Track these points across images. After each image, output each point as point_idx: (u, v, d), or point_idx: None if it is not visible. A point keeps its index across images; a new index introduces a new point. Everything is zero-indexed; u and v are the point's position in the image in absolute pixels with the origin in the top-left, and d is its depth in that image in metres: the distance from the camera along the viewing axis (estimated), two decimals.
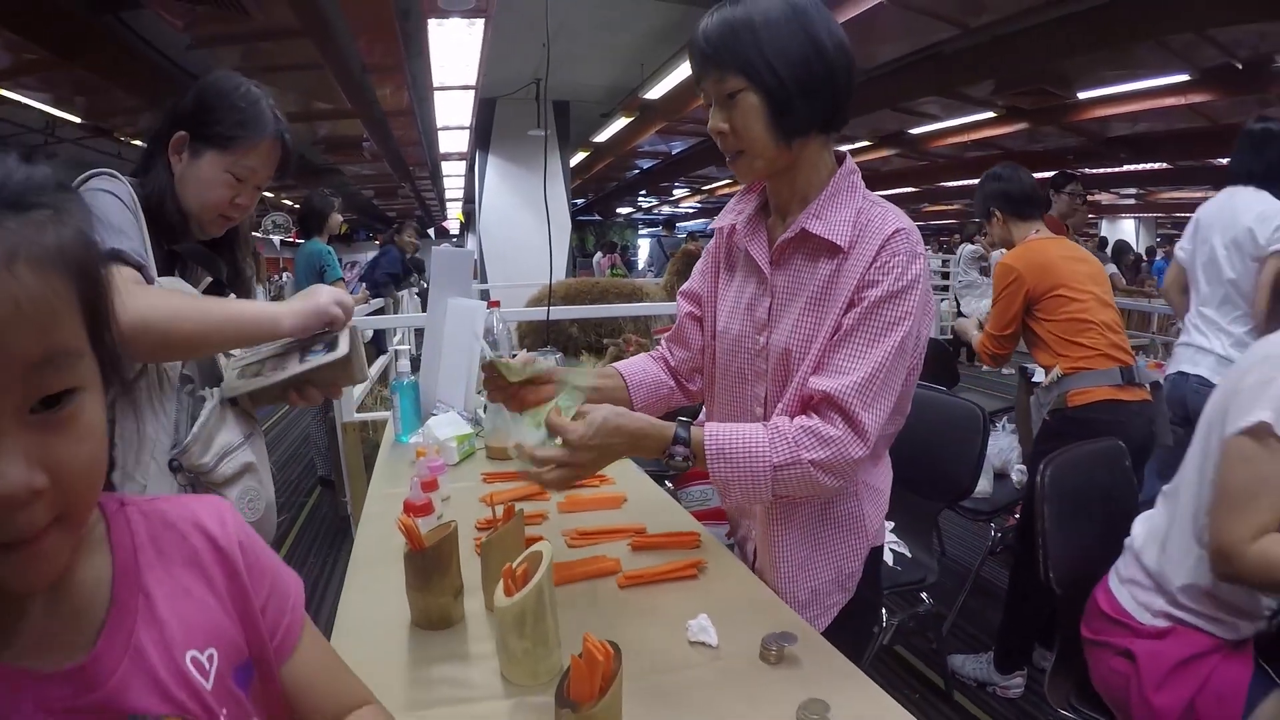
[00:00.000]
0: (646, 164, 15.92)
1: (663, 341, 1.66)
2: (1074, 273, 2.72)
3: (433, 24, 4.97)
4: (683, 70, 6.97)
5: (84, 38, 5.86)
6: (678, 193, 21.14)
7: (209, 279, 1.57)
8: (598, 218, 22.47)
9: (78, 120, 8.48)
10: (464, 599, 1.26)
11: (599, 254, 15.13)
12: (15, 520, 0.49)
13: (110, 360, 0.56)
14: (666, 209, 25.06)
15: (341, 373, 1.40)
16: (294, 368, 1.39)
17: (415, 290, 8.29)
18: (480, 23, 4.92)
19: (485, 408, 2.22)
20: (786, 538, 1.40)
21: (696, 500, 2.06)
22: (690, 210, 25.57)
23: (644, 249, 24.05)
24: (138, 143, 10.14)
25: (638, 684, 0.93)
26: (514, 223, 8.91)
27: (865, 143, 11.74)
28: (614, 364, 1.63)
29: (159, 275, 1.36)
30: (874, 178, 13.19)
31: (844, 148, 1.41)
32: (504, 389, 1.39)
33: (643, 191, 20.83)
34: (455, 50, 5.60)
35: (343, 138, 10.07)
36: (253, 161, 1.47)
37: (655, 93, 7.82)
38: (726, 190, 18.86)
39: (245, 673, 0.69)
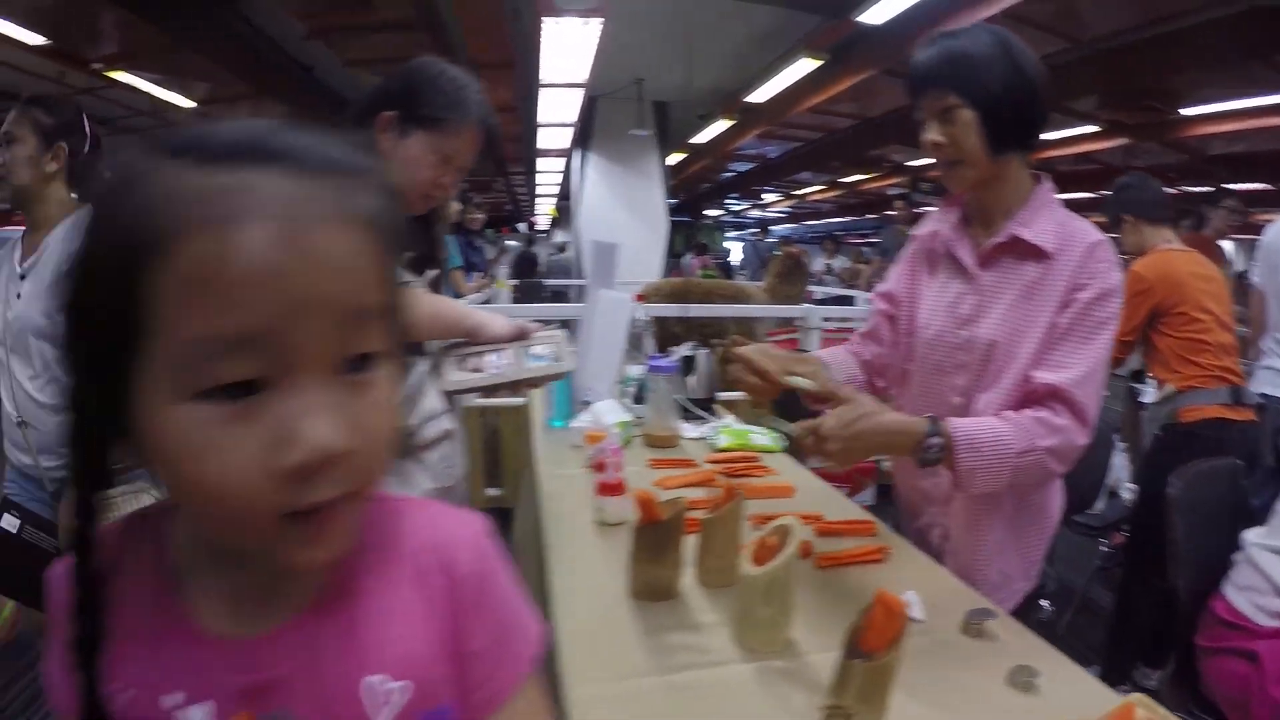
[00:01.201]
0: (741, 167, 15.90)
1: (855, 337, 1.76)
2: (1200, 292, 2.78)
3: (548, 22, 5.06)
4: (787, 75, 6.98)
5: (199, 24, 6.10)
6: (768, 197, 21.07)
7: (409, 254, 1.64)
8: (686, 218, 22.50)
9: (186, 104, 8.80)
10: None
11: (688, 255, 15.11)
12: (317, 483, 0.48)
13: (400, 332, 0.54)
14: (755, 212, 24.99)
15: (553, 379, 1.51)
16: (519, 372, 1.48)
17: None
18: (595, 21, 4.99)
19: (639, 396, 2.30)
20: (988, 523, 1.50)
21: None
22: (779, 215, 25.45)
23: (733, 251, 23.99)
24: None
25: None
26: (612, 221, 8.93)
27: None
28: (818, 352, 1.74)
29: None
30: None
31: None
32: (758, 386, 1.49)
33: (734, 194, 20.80)
34: (566, 48, 5.68)
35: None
36: (458, 143, 1.52)
37: (758, 96, 7.81)
38: (818, 196, 18.72)
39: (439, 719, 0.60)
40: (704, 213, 25.17)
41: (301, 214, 0.46)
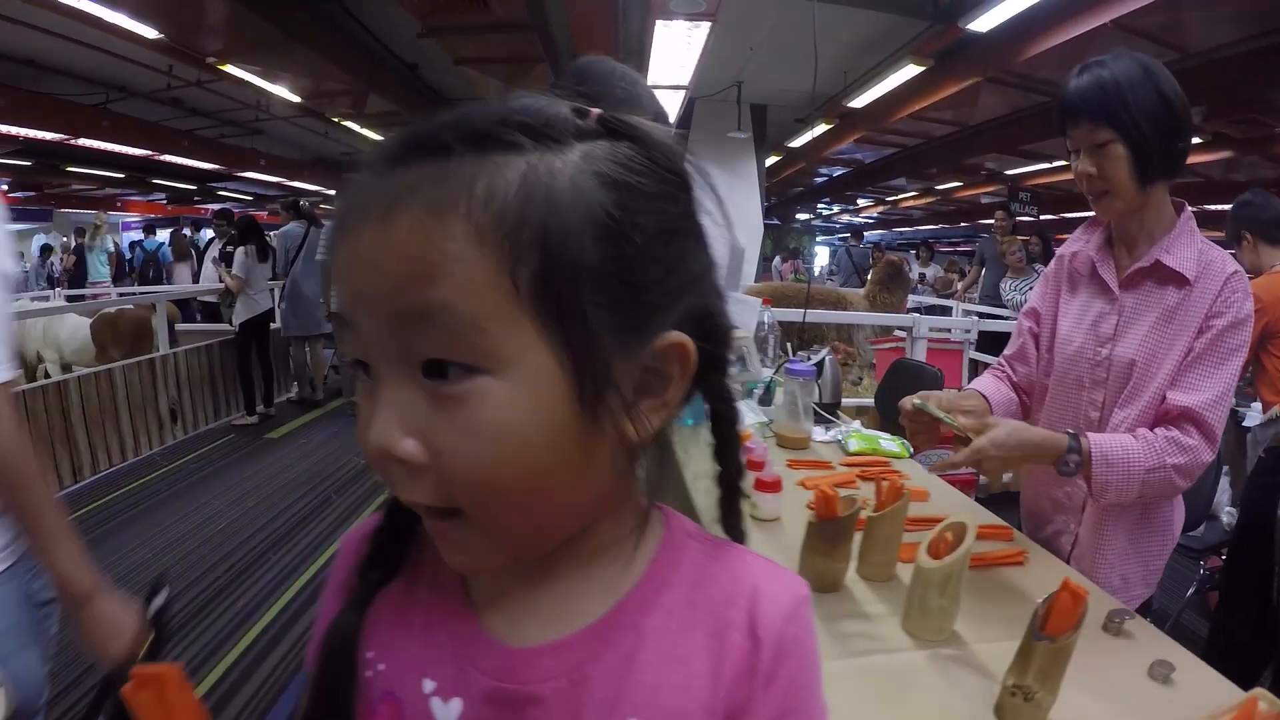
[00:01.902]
0: (836, 171, 15.81)
1: (1003, 360, 1.86)
2: None
3: (659, 25, 5.15)
4: (889, 81, 6.97)
5: (307, 18, 6.36)
6: (861, 202, 20.86)
7: None
8: (776, 221, 22.40)
9: (291, 98, 9.10)
10: None
11: (778, 259, 15.02)
12: (392, 478, 0.46)
13: (586, 358, 0.45)
14: (846, 217, 24.76)
15: None
16: None
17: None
18: (705, 25, 5.07)
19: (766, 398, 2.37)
20: (1113, 530, 1.61)
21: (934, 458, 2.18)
22: (869, 220, 25.17)
23: (820, 256, 23.76)
24: (349, 124, 10.87)
25: (1014, 645, 1.06)
26: (707, 223, 8.97)
27: (1062, 161, 11.32)
28: (972, 385, 1.84)
29: None
30: (1066, 199, 12.76)
31: (1039, 166, 1.59)
32: (932, 433, 1.58)
33: (826, 198, 20.66)
34: (673, 51, 5.76)
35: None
36: None
37: (859, 101, 7.81)
38: (912, 202, 18.47)
39: None
40: (795, 216, 25.05)
41: (371, 206, 0.44)
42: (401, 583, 0.58)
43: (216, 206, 19.61)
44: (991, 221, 7.99)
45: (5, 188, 17.58)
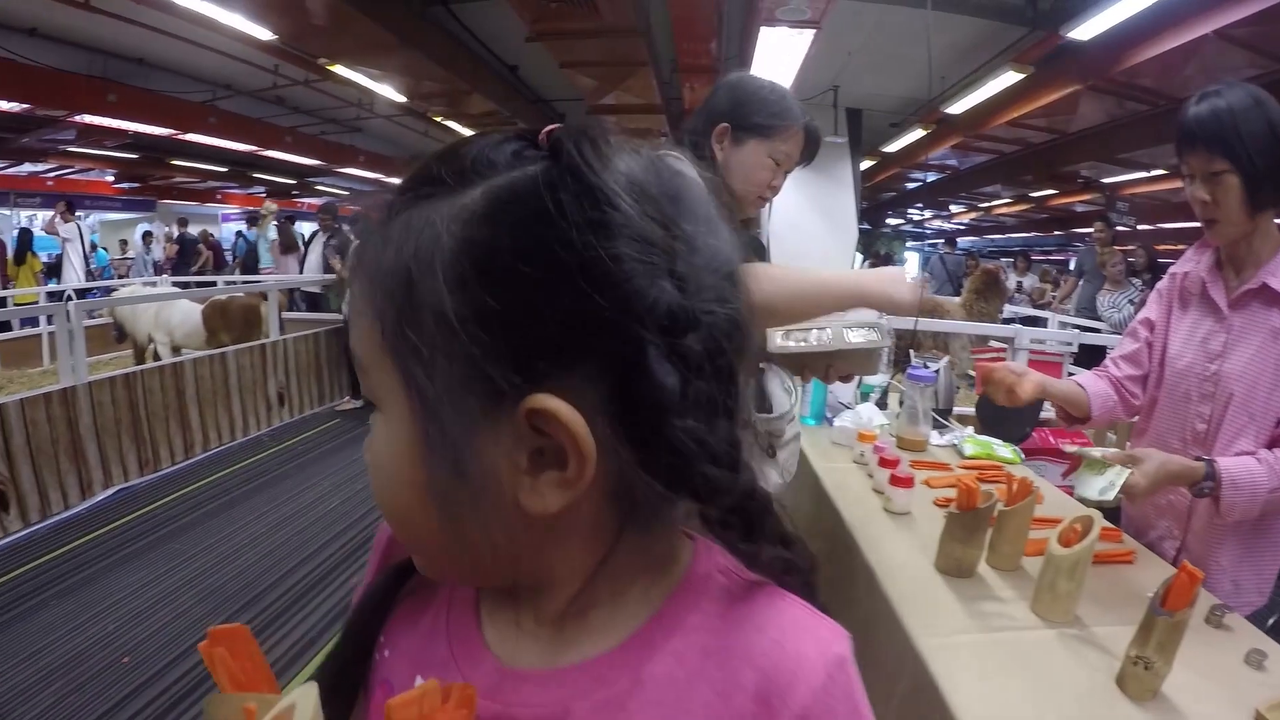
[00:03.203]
0: (929, 176, 15.60)
1: (1111, 359, 1.94)
2: None
3: (763, 31, 5.21)
4: (988, 87, 6.90)
5: (415, 22, 6.57)
6: (953, 208, 20.55)
7: None
8: (866, 226, 22.15)
9: (394, 98, 9.37)
10: None
11: (867, 264, 14.83)
12: None
13: (437, 415, 0.45)
14: (937, 223, 24.38)
15: (868, 361, 1.46)
16: (842, 342, 1.41)
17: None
18: (809, 33, 5.11)
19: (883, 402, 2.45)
20: (1222, 539, 1.67)
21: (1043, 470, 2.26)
22: (960, 226, 24.75)
23: (910, 262, 23.43)
24: (450, 123, 11.18)
25: (1129, 630, 1.17)
26: (801, 225, 8.86)
27: (1160, 170, 11.02)
28: (1074, 378, 1.94)
29: None
30: (1165, 208, 12.41)
31: (1137, 175, 1.65)
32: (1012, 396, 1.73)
33: (918, 203, 20.40)
34: (774, 56, 5.81)
35: (644, 131, 10.41)
36: (788, 147, 1.67)
37: (957, 107, 7.74)
38: (1005, 209, 18.13)
39: None
40: (886, 221, 24.78)
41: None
42: (426, 583, 0.60)
43: (314, 200, 20.29)
44: (1090, 231, 7.83)
45: (111, 179, 18.42)
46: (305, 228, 12.07)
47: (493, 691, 0.50)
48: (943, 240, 14.44)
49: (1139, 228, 8.50)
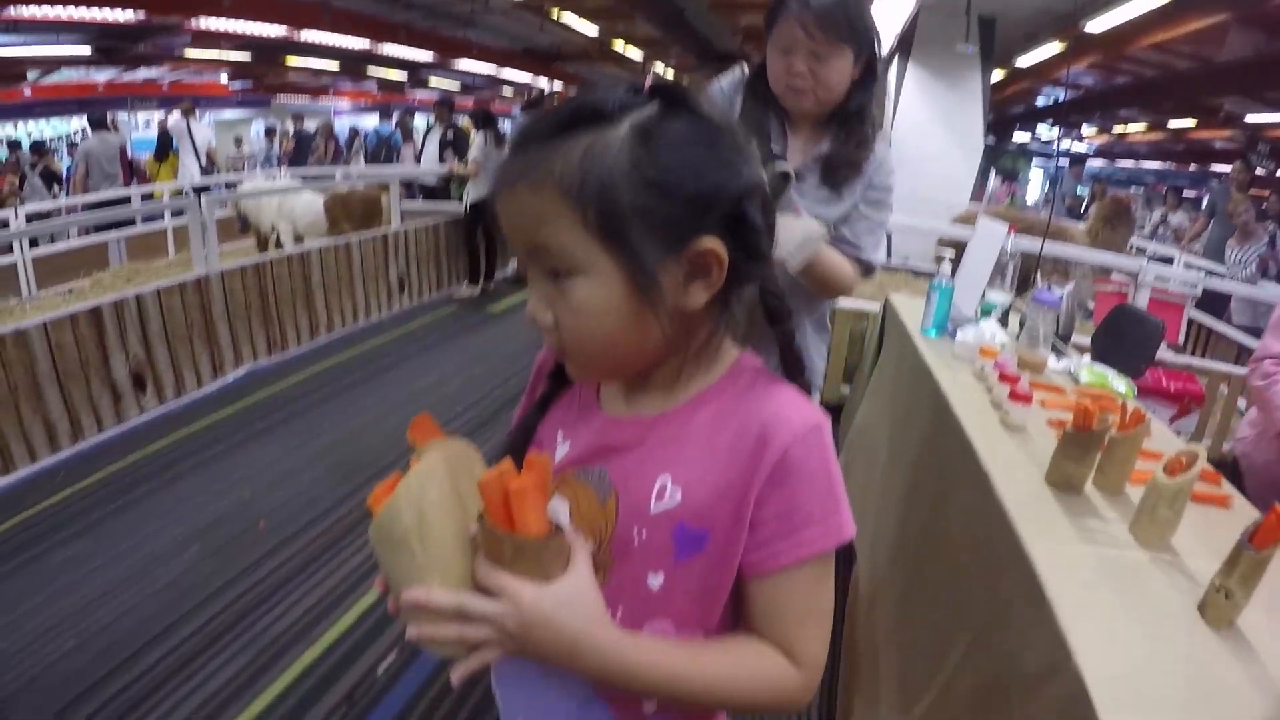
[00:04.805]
0: (1063, 94, 14.87)
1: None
2: None
3: None
4: (1133, 6, 6.52)
5: None
6: (1086, 129, 19.60)
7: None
8: (993, 140, 21.24)
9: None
10: None
11: (995, 180, 14.15)
12: (543, 331, 0.76)
13: (634, 263, 0.69)
14: (1066, 143, 23.29)
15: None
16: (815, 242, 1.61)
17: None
18: None
19: (1004, 320, 2.51)
20: None
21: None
22: (1089, 149, 23.59)
23: (1034, 181, 22.44)
24: (566, 15, 11.38)
25: (1217, 564, 1.21)
26: (926, 134, 8.60)
27: None
28: None
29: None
30: None
31: None
32: None
33: (1049, 120, 19.50)
34: None
35: (760, 29, 10.22)
36: (784, 29, 1.68)
37: (1098, 24, 7.33)
38: (1140, 136, 17.27)
39: (690, 541, 0.76)
40: (1012, 137, 23.76)
41: (505, 181, 0.72)
42: (562, 393, 0.91)
43: (425, 94, 20.43)
44: (1227, 170, 7.36)
45: (225, 79, 18.87)
46: (418, 122, 12.20)
47: (599, 432, 0.83)
48: (1070, 161, 13.83)
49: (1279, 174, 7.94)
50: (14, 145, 13.37)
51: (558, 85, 18.06)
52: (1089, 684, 1.01)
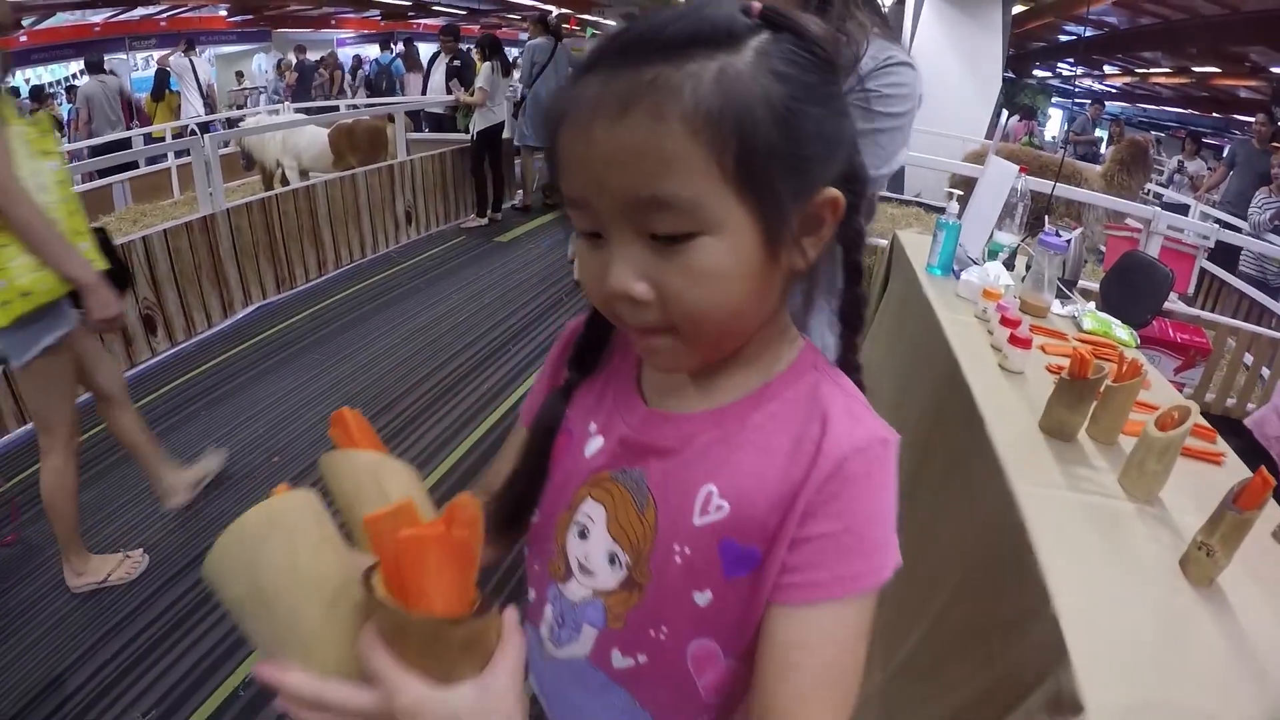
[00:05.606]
0: (1087, 32, 14.51)
1: None
2: None
3: None
4: None
5: None
6: (1108, 69, 19.18)
7: None
8: (1011, 75, 20.71)
9: None
10: None
11: (1011, 117, 13.77)
12: (619, 311, 0.60)
13: (774, 218, 0.57)
14: (1088, 82, 22.84)
15: None
16: None
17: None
18: None
19: (1010, 263, 2.49)
20: None
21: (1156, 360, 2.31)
22: (1112, 89, 23.17)
23: (1053, 119, 22.03)
24: None
25: (1202, 520, 1.23)
26: (941, 67, 8.31)
27: None
28: None
29: None
30: None
31: None
32: None
33: (1070, 59, 19.09)
34: None
35: None
36: None
37: None
38: (1163, 80, 16.92)
39: (739, 560, 0.65)
40: (1033, 72, 23.27)
41: (602, 110, 0.55)
42: (592, 372, 0.79)
43: (430, 21, 20.01)
44: (1251, 120, 7.18)
45: (224, 13, 18.56)
46: (424, 49, 11.97)
47: (640, 428, 0.71)
48: (1090, 101, 13.54)
49: None
50: (14, 93, 13.23)
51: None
52: (1064, 627, 1.04)
